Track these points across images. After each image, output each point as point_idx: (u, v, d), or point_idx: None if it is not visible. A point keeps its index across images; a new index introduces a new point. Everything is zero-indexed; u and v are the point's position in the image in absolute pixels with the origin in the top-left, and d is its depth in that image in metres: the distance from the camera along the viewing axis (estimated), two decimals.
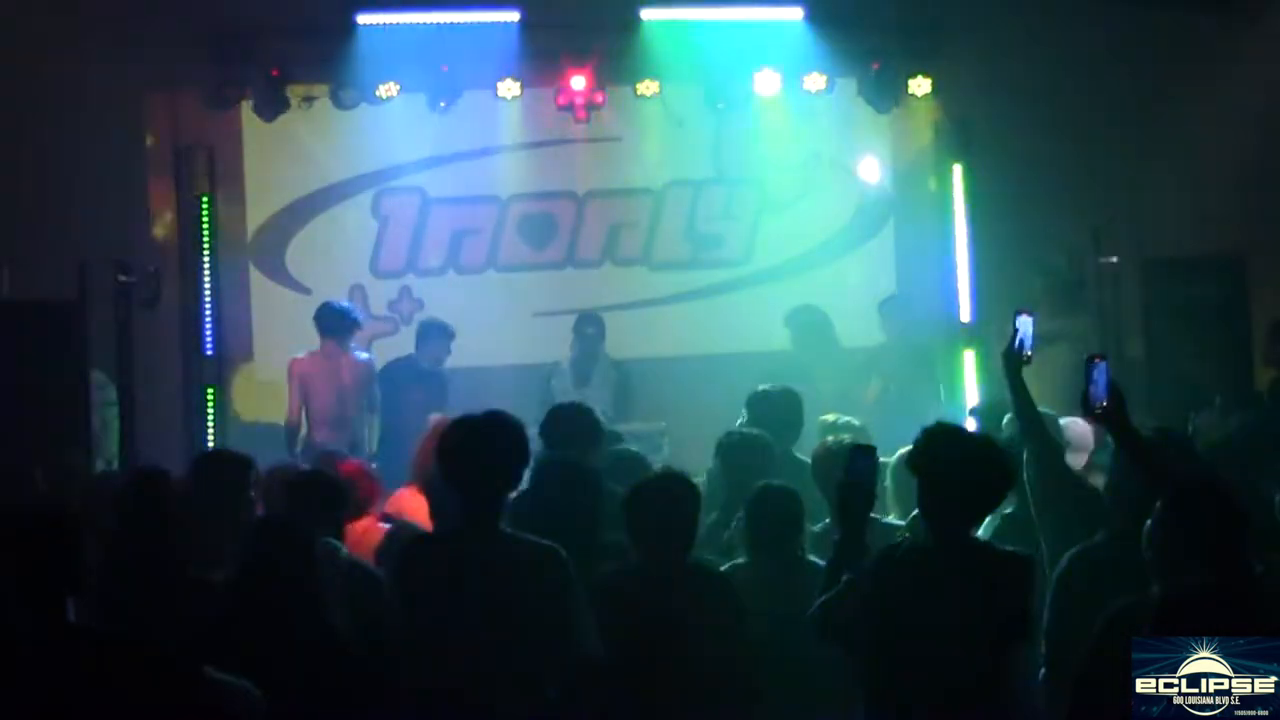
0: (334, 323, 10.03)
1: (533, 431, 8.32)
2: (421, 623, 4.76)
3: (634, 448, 6.77)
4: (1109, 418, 5.16)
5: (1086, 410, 5.18)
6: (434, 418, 8.03)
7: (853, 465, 4.66)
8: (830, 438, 6.71)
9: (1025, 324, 5.56)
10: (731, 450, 6.41)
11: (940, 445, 4.53)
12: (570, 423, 6.43)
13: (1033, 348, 5.56)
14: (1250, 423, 7.22)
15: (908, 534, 5.28)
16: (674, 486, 5.22)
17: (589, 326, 10.61)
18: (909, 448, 4.74)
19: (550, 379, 10.50)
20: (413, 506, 6.67)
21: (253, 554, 4.59)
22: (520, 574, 4.74)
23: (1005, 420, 6.11)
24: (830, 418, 7.31)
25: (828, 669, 4.85)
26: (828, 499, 5.46)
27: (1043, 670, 5.08)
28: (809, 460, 6.58)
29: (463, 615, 4.69)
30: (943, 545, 4.46)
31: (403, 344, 11.15)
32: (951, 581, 4.39)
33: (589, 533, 5.33)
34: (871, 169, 11.76)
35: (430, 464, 5.85)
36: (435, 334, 10.52)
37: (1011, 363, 5.55)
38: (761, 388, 7.16)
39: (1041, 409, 6.61)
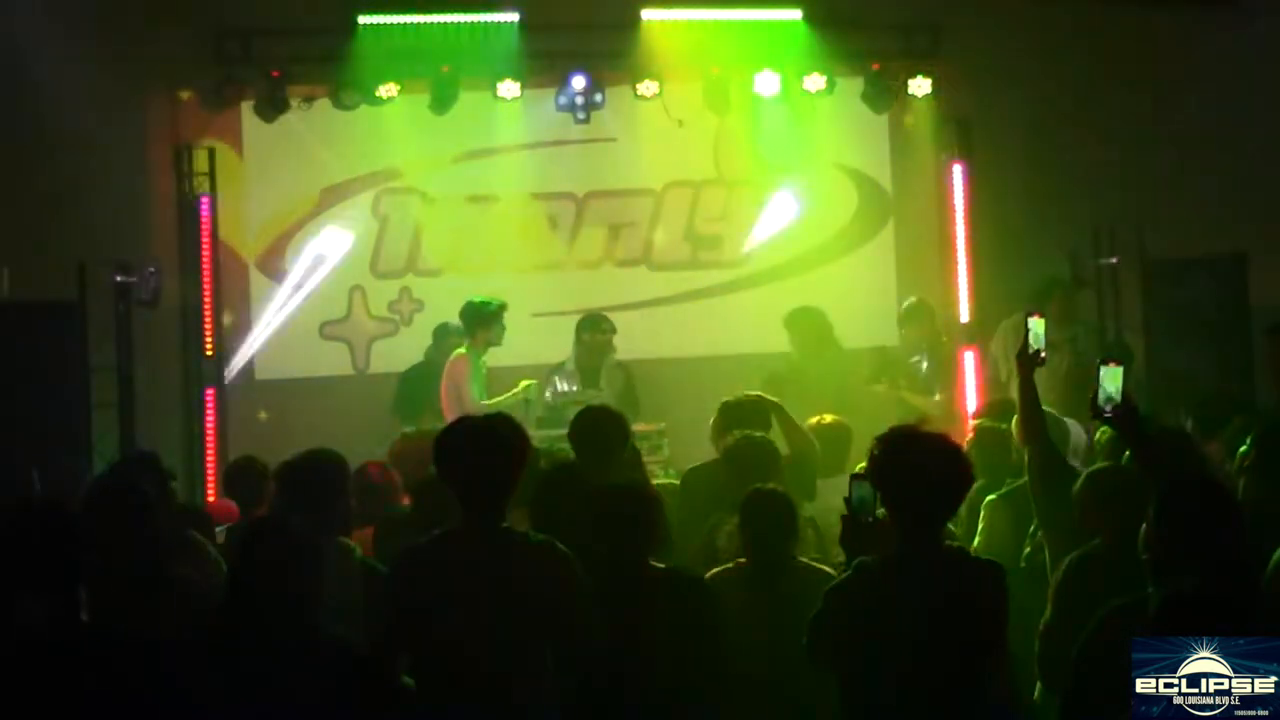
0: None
1: (536, 432, 8.35)
2: (424, 623, 4.74)
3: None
4: (1119, 422, 5.15)
5: (1095, 413, 5.17)
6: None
7: (852, 493, 4.61)
8: (817, 419, 7.06)
9: (1037, 325, 5.61)
10: (738, 454, 6.43)
11: (899, 452, 4.48)
12: (595, 426, 6.50)
13: (1046, 349, 5.63)
14: None
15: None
16: (627, 494, 5.29)
17: (597, 327, 10.56)
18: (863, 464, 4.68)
19: (554, 378, 10.47)
20: None
21: (241, 554, 4.59)
22: (523, 571, 4.73)
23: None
24: (827, 419, 7.34)
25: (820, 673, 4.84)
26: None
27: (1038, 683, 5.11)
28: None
29: (467, 614, 4.68)
30: (917, 553, 4.42)
31: (402, 344, 11.17)
32: (928, 590, 4.36)
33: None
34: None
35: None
36: (449, 336, 10.62)
37: (1027, 364, 5.65)
38: (729, 399, 7.20)
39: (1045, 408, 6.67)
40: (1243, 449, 5.69)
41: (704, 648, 5.08)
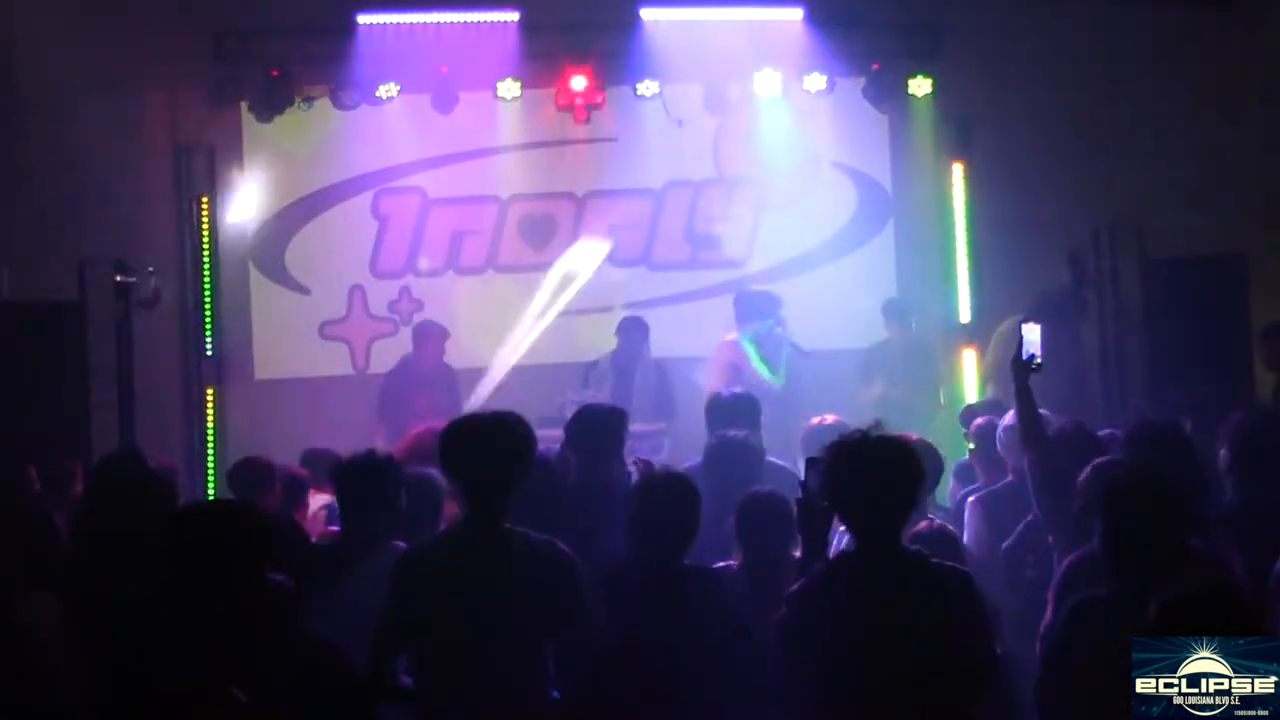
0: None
1: (538, 431, 8.31)
2: (425, 623, 4.74)
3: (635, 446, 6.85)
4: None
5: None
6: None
7: (808, 479, 4.59)
8: (815, 419, 6.98)
9: (1032, 332, 5.74)
10: (719, 456, 6.44)
11: (846, 457, 4.44)
12: (599, 423, 6.49)
13: (1044, 355, 5.70)
14: None
15: None
16: (678, 487, 5.28)
17: (633, 329, 10.57)
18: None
19: (588, 375, 10.44)
20: None
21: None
22: (526, 571, 4.72)
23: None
24: (817, 420, 7.34)
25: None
26: None
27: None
28: (778, 462, 6.66)
29: (467, 614, 4.67)
30: (872, 558, 4.41)
31: (403, 344, 11.16)
32: (887, 595, 4.34)
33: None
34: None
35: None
36: (428, 335, 10.62)
37: (1020, 372, 5.77)
38: (718, 394, 7.21)
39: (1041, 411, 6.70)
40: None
41: (736, 643, 5.09)
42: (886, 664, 4.27)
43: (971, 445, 7.23)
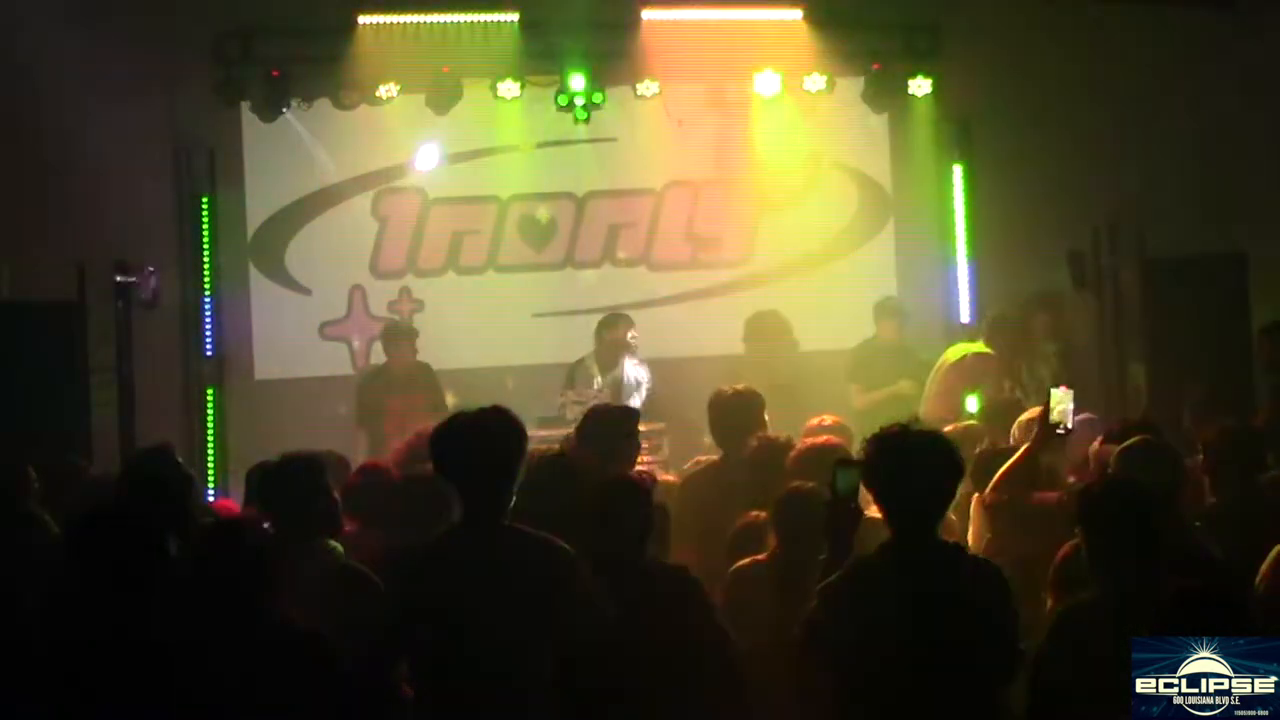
0: None
1: (538, 431, 8.35)
2: (425, 624, 4.72)
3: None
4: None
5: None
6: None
7: (836, 480, 4.63)
8: (814, 419, 6.89)
9: (1060, 397, 5.90)
10: (761, 457, 6.47)
11: (890, 449, 4.50)
12: (608, 423, 6.53)
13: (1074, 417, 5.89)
14: None
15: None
16: (625, 489, 5.31)
17: (613, 326, 10.50)
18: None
19: (573, 374, 10.42)
20: None
21: (197, 555, 4.61)
22: (525, 570, 4.70)
23: None
24: (816, 421, 7.33)
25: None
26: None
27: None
28: None
29: (467, 614, 4.66)
30: (911, 550, 4.45)
31: None
32: (924, 585, 4.39)
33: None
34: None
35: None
36: (398, 336, 10.61)
37: (1045, 434, 5.96)
38: (721, 390, 7.19)
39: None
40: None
41: (700, 643, 5.08)
42: (922, 652, 4.33)
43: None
